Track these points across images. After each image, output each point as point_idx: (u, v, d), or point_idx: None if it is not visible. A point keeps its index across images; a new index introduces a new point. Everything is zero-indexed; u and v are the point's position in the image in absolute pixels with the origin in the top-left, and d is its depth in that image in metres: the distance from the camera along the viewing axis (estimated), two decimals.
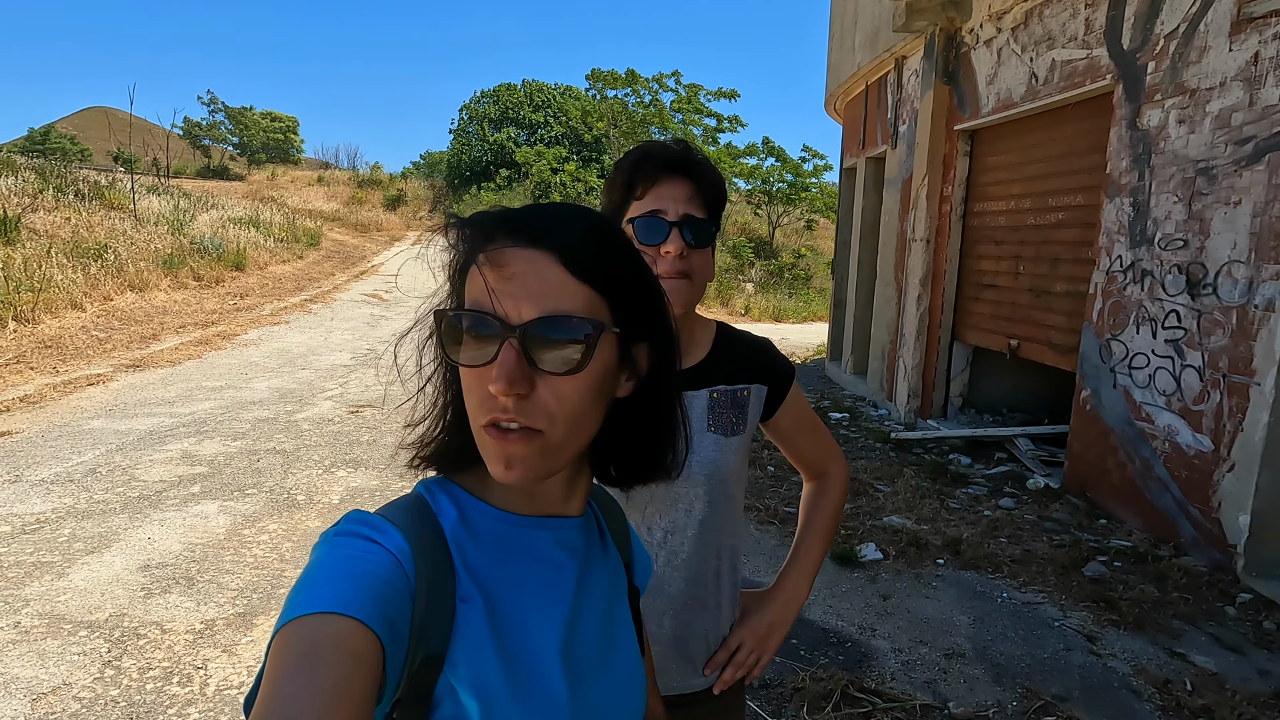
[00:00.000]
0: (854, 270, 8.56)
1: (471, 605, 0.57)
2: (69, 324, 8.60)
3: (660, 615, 1.08)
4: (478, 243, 0.57)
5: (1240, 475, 3.40)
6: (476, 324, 0.55)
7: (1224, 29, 3.51)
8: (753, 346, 1.14)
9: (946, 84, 6.03)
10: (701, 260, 1.02)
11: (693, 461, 1.04)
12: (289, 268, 16.20)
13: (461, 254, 0.59)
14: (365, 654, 0.48)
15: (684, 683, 1.11)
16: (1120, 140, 4.19)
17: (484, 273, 0.55)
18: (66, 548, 3.46)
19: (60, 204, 12.04)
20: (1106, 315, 4.32)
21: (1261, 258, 3.33)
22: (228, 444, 5.13)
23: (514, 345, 0.54)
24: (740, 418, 1.10)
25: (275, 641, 0.49)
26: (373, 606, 0.50)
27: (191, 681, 2.52)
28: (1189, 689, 2.60)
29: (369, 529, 0.56)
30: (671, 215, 0.99)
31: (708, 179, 1.03)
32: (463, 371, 0.57)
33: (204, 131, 38.60)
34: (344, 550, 0.54)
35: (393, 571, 0.53)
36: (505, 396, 0.54)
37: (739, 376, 1.10)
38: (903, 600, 3.22)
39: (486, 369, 0.55)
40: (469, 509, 0.62)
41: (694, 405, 1.07)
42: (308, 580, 0.52)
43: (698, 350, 1.11)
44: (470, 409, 0.57)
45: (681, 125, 21.83)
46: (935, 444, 5.63)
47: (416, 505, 0.60)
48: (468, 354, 0.56)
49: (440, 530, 0.59)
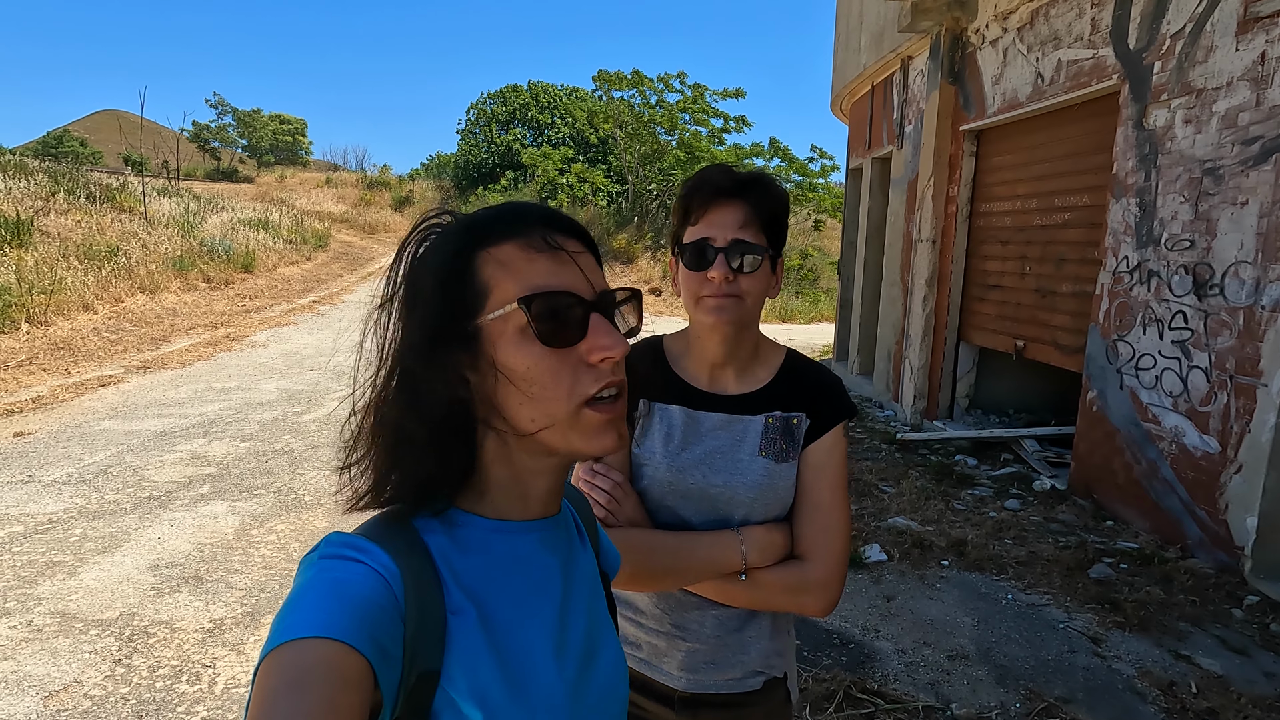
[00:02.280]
0: (860, 271, 8.54)
1: (464, 616, 0.57)
2: (80, 326, 8.69)
3: (701, 619, 1.09)
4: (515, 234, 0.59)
5: (1247, 477, 3.38)
6: (564, 303, 0.58)
7: (1230, 28, 3.49)
8: (819, 377, 1.12)
9: (952, 84, 6.02)
10: (752, 281, 1.02)
11: (739, 483, 1.05)
12: (297, 269, 16.31)
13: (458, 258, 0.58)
14: (354, 678, 0.48)
15: (721, 684, 1.11)
16: (1126, 140, 4.18)
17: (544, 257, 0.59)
18: (78, 547, 3.51)
19: (72, 207, 12.16)
20: (1113, 316, 4.30)
21: (1268, 258, 3.31)
22: (236, 445, 5.18)
23: (601, 316, 0.59)
24: (791, 445, 1.07)
25: (261, 668, 0.48)
26: (361, 629, 0.49)
27: (200, 680, 2.55)
28: (1194, 691, 2.59)
29: (354, 550, 0.55)
30: (720, 241, 1.01)
31: (763, 201, 1.03)
32: (543, 358, 0.57)
33: (212, 134, 38.87)
34: (330, 573, 0.53)
35: (381, 592, 0.53)
36: (617, 361, 0.58)
37: (795, 404, 1.09)
38: (907, 601, 3.22)
39: (570, 350, 0.58)
40: (455, 521, 0.61)
41: (748, 430, 1.07)
42: (293, 605, 0.51)
43: (761, 373, 1.10)
44: (561, 391, 0.58)
45: (688, 126, 21.82)
46: (941, 445, 5.62)
47: (398, 523, 0.59)
48: (556, 335, 0.58)
49: (425, 546, 0.58)
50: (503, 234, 0.59)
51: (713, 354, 1.08)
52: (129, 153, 28.79)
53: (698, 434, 1.07)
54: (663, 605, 1.10)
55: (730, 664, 1.10)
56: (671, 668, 1.11)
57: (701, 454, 1.07)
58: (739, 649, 1.10)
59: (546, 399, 0.57)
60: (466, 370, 0.59)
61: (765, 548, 1.03)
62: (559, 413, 0.58)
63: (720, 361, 1.08)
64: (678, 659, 1.10)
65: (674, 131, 21.91)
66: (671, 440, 1.07)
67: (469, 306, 0.58)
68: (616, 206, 23.20)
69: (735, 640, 1.10)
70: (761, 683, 1.12)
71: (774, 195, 1.04)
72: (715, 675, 1.10)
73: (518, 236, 0.59)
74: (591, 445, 0.59)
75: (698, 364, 1.10)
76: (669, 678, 1.11)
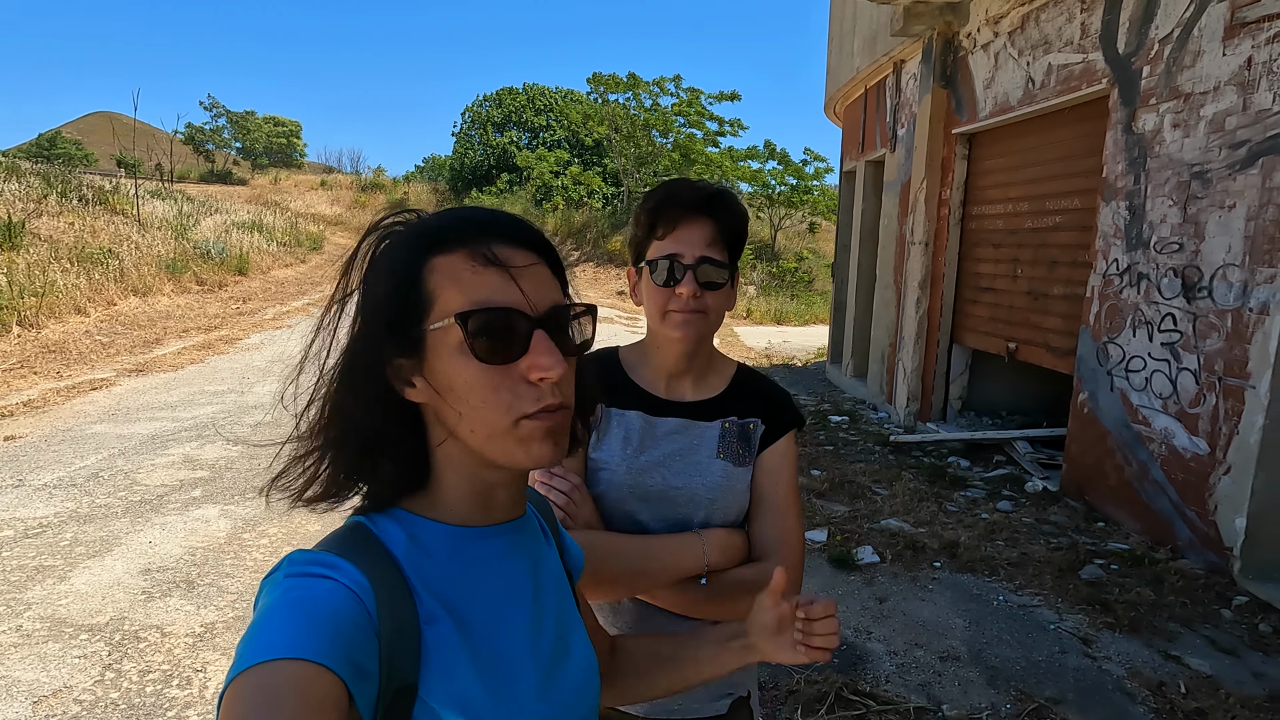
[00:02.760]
0: (854, 273, 8.57)
1: (439, 626, 0.57)
2: (72, 329, 8.65)
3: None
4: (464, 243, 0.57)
5: (1236, 478, 3.41)
6: (503, 320, 0.56)
7: (1218, 33, 3.52)
8: (770, 388, 1.16)
9: (944, 88, 6.05)
10: (717, 298, 1.04)
11: (698, 485, 1.07)
12: (292, 272, 16.27)
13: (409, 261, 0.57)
14: (328, 699, 0.46)
15: (685, 709, 1.08)
16: (1116, 144, 4.21)
17: (493, 270, 0.57)
18: (68, 551, 3.49)
19: (64, 209, 12.12)
20: (1103, 318, 4.33)
21: (1255, 261, 3.34)
22: (229, 448, 5.16)
23: (544, 334, 0.58)
24: (747, 450, 1.10)
25: (227, 695, 0.45)
26: (334, 648, 0.48)
27: (191, 684, 2.54)
28: (1183, 692, 2.61)
29: (322, 567, 0.53)
30: (688, 258, 1.01)
31: (729, 219, 1.04)
32: (481, 373, 0.56)
33: (207, 136, 38.78)
34: (298, 592, 0.51)
35: (353, 608, 0.51)
36: (555, 380, 0.57)
37: (749, 411, 1.12)
38: (899, 603, 3.23)
39: (510, 366, 0.57)
40: (419, 530, 0.60)
41: (705, 435, 1.09)
42: (260, 626, 0.48)
43: (716, 383, 1.13)
44: (500, 406, 0.57)
45: (683, 129, 21.86)
46: (934, 447, 5.64)
47: (362, 535, 0.58)
48: (495, 353, 0.56)
49: (392, 557, 0.57)
50: (453, 243, 0.58)
51: (672, 364, 1.10)
52: (122, 155, 28.68)
53: (655, 438, 1.09)
54: (617, 623, 1.08)
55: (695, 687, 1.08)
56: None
57: (660, 456, 1.08)
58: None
59: (484, 413, 0.57)
60: (412, 375, 0.58)
61: (726, 548, 1.04)
62: (497, 425, 0.57)
63: (679, 371, 1.11)
64: None
65: (669, 134, 21.95)
66: (630, 444, 1.08)
67: (415, 313, 0.57)
68: (612, 209, 23.22)
69: None
70: (728, 705, 1.11)
71: (737, 213, 1.05)
72: (681, 700, 1.08)
73: (468, 245, 0.57)
74: (530, 456, 0.58)
75: (655, 373, 1.12)
76: (630, 706, 1.07)
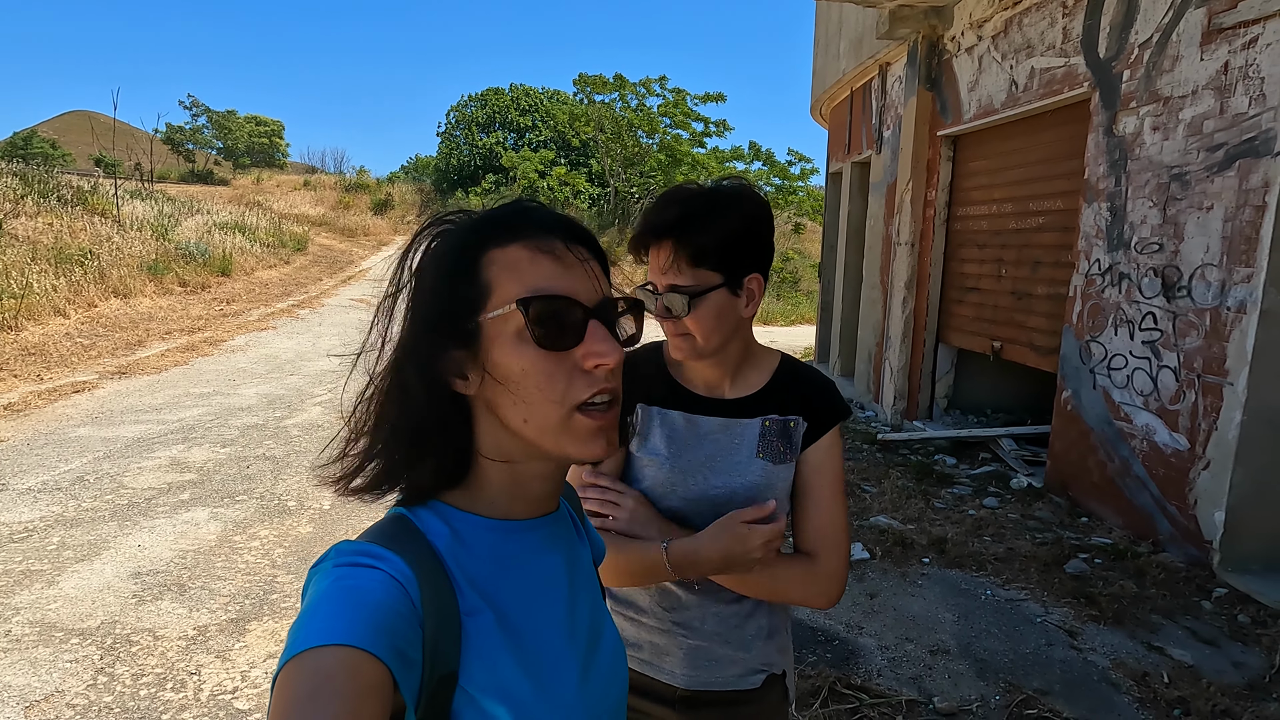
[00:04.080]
0: (841, 273, 8.65)
1: (480, 617, 0.58)
2: (52, 331, 8.52)
3: (703, 616, 1.10)
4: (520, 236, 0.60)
5: (1215, 473, 3.49)
6: (562, 307, 0.58)
7: (1195, 39, 3.61)
8: (813, 382, 1.13)
9: (929, 90, 6.13)
10: (696, 320, 1.01)
11: (738, 484, 1.07)
12: (276, 273, 16.11)
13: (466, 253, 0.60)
14: (375, 686, 0.47)
15: (723, 681, 1.12)
16: (1097, 146, 4.29)
17: (549, 260, 0.59)
18: (56, 556, 3.45)
19: (43, 210, 11.92)
20: (1086, 317, 4.41)
21: (1233, 261, 3.42)
22: (217, 450, 5.12)
23: (599, 323, 0.60)
24: (789, 448, 1.09)
25: (281, 677, 0.47)
26: (381, 636, 0.49)
27: (185, 687, 2.53)
28: (1166, 681, 2.67)
29: (368, 557, 0.55)
30: (658, 286, 1.01)
31: (695, 235, 0.98)
32: (538, 361, 0.58)
33: (187, 136, 38.28)
34: (347, 581, 0.52)
35: (399, 598, 0.53)
36: (611, 368, 0.59)
37: (791, 407, 1.10)
38: (889, 598, 3.28)
39: (566, 353, 0.59)
40: (459, 523, 0.62)
41: (745, 433, 1.08)
42: (312, 613, 0.50)
43: (755, 379, 1.11)
44: (554, 394, 0.58)
45: (669, 130, 21.92)
46: (921, 445, 5.71)
47: (404, 528, 0.60)
48: (553, 339, 0.58)
49: (434, 549, 0.59)
50: (510, 235, 0.60)
51: (704, 367, 1.10)
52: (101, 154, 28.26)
53: (697, 437, 1.09)
54: (664, 603, 1.11)
55: (731, 660, 1.12)
56: (673, 665, 1.11)
57: (702, 457, 1.08)
58: (740, 645, 1.12)
59: (539, 401, 0.58)
60: (465, 367, 0.60)
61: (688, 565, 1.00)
62: (551, 416, 0.58)
63: (713, 374, 1.11)
64: (679, 656, 1.11)
65: (655, 135, 22.00)
66: (674, 443, 1.08)
67: (471, 304, 0.59)
68: (598, 209, 23.22)
69: (736, 636, 1.11)
70: (762, 680, 1.13)
71: (713, 225, 0.98)
72: (717, 672, 1.11)
73: (524, 238, 0.60)
74: (582, 451, 0.60)
75: (693, 370, 1.11)
76: (670, 676, 1.11)
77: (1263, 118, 3.27)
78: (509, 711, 0.57)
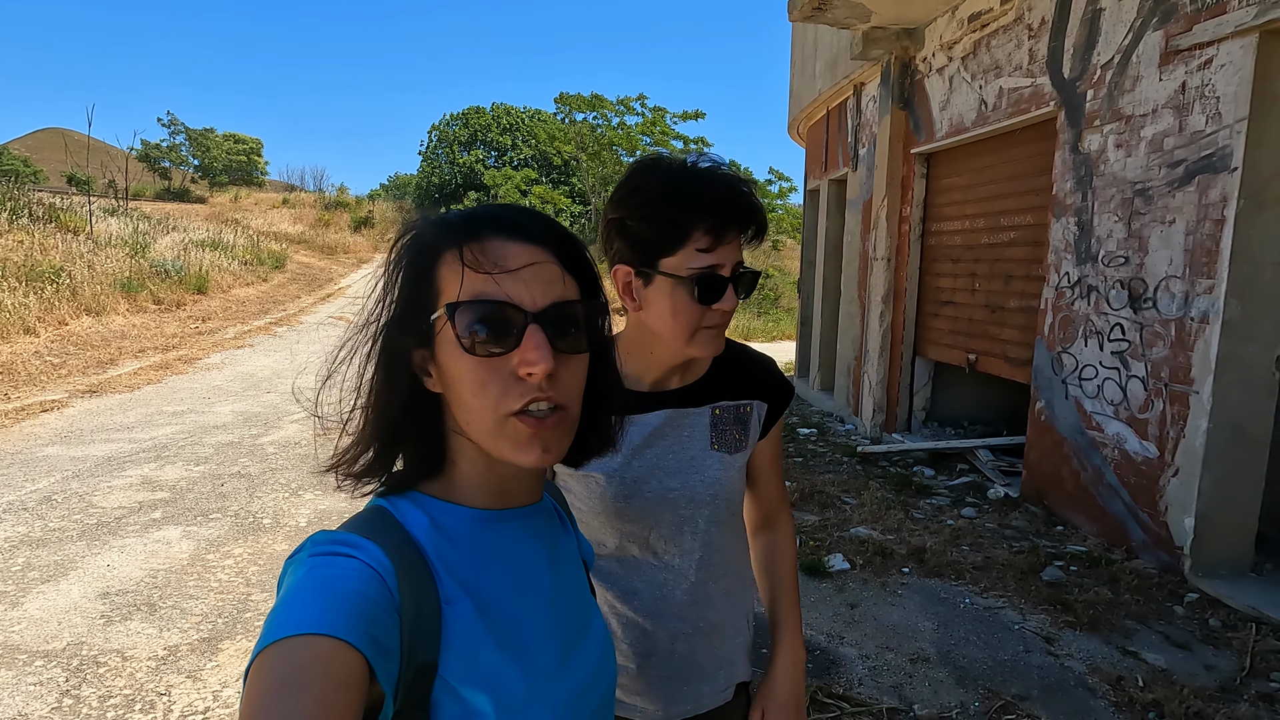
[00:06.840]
0: (819, 289, 8.75)
1: (459, 606, 0.58)
2: (21, 349, 8.34)
3: (672, 640, 1.05)
4: (464, 239, 0.59)
5: (1184, 480, 3.56)
6: (493, 313, 0.56)
7: (1154, 60, 3.74)
8: (757, 362, 1.10)
9: (903, 109, 6.27)
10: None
11: (696, 482, 1.02)
12: (253, 290, 15.94)
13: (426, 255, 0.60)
14: (351, 675, 0.46)
15: (698, 704, 1.09)
16: (1064, 163, 4.41)
17: (484, 265, 0.58)
18: (20, 577, 3.36)
19: (13, 226, 11.72)
20: (1057, 329, 4.50)
21: (1195, 273, 3.53)
22: (190, 469, 5.02)
23: (539, 329, 0.57)
24: (743, 434, 1.05)
25: (253, 668, 0.46)
26: (357, 625, 0.48)
27: (155, 708, 2.47)
28: (1140, 685, 2.71)
29: (345, 546, 0.54)
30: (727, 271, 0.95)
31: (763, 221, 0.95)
32: (472, 367, 0.57)
33: (163, 153, 37.89)
34: (323, 570, 0.52)
35: (376, 587, 0.52)
36: (542, 377, 0.57)
37: (742, 392, 1.05)
38: (869, 608, 3.29)
39: (503, 359, 0.57)
40: (439, 513, 0.62)
41: (696, 423, 1.03)
42: (287, 602, 0.49)
43: (698, 365, 1.04)
44: (488, 401, 0.57)
45: (649, 148, 22.13)
46: (900, 457, 5.77)
47: (383, 518, 0.60)
48: (484, 346, 0.57)
49: (413, 539, 0.59)
50: (466, 236, 0.59)
51: (670, 361, 1.01)
52: (74, 171, 27.86)
53: (644, 437, 1.01)
54: (630, 639, 1.06)
55: (708, 676, 1.09)
56: (647, 703, 1.07)
57: (653, 459, 1.02)
58: (713, 662, 1.10)
59: (474, 407, 0.58)
60: (429, 365, 0.61)
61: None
62: (486, 420, 0.58)
63: (673, 367, 1.03)
64: (652, 692, 1.06)
65: (635, 153, 22.20)
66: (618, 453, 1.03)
67: (427, 305, 0.59)
68: (579, 228, 23.31)
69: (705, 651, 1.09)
70: (733, 691, 1.13)
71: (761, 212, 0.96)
72: (695, 698, 1.08)
73: (475, 239, 0.59)
74: (517, 457, 0.58)
75: (642, 369, 1.02)
76: (643, 714, 1.07)
77: (1219, 135, 3.39)
78: (489, 700, 0.57)
